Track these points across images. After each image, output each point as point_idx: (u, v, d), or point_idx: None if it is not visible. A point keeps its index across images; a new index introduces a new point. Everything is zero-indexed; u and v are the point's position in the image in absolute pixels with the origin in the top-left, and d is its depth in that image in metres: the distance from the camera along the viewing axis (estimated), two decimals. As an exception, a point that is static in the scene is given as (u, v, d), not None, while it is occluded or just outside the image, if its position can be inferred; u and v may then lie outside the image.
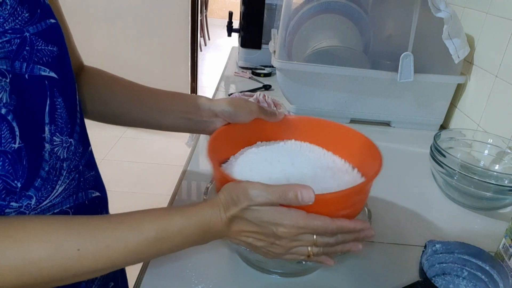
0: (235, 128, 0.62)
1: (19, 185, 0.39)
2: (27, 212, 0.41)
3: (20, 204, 0.40)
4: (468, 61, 1.04)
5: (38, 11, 0.40)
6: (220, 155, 0.60)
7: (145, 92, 0.62)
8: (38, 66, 0.41)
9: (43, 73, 0.41)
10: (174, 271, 0.55)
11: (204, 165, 0.84)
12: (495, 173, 0.74)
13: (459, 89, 1.07)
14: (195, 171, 0.81)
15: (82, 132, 0.48)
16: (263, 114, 0.62)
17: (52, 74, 0.42)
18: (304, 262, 0.50)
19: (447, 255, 0.56)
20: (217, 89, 1.30)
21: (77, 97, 0.47)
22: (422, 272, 0.52)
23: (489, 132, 0.90)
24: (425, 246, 0.55)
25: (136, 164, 2.58)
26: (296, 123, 0.67)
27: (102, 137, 2.63)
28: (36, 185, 0.41)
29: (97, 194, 0.53)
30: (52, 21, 0.42)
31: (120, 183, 2.31)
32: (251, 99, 0.99)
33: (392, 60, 1.01)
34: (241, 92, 1.11)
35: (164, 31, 2.73)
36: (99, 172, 0.55)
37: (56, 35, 0.43)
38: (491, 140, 0.83)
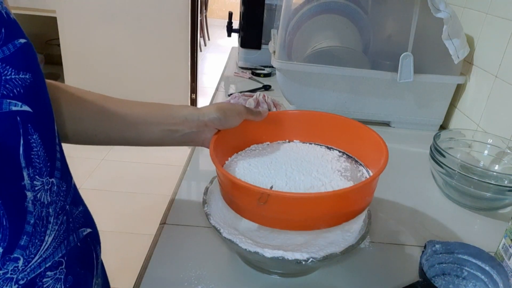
0: (233, 130, 0.62)
1: (0, 250, 0.34)
2: (15, 276, 0.36)
3: (6, 270, 0.35)
4: (468, 61, 1.04)
5: (2, 30, 0.33)
6: (223, 156, 0.61)
7: (120, 106, 0.56)
8: (8, 100, 0.34)
9: (14, 108, 0.34)
10: (173, 271, 0.55)
11: (204, 165, 0.84)
12: (495, 173, 0.74)
13: (459, 89, 1.07)
14: (195, 171, 0.81)
15: (63, 167, 0.42)
16: (250, 114, 0.62)
17: (26, 108, 0.35)
18: (304, 263, 0.50)
19: (447, 255, 0.56)
20: (217, 89, 1.30)
21: (55, 127, 0.41)
22: (422, 272, 0.52)
23: (489, 132, 0.90)
24: (425, 246, 0.55)
25: (136, 164, 2.58)
26: (292, 120, 0.68)
27: (102, 137, 2.63)
28: (22, 243, 0.36)
29: (89, 230, 0.47)
30: (22, 41, 0.35)
31: (120, 183, 2.31)
32: (250, 100, 0.99)
33: (392, 60, 1.01)
34: (241, 92, 1.11)
35: (164, 31, 2.73)
36: (86, 205, 0.50)
37: (28, 58, 0.36)
38: (491, 140, 0.83)
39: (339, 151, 0.65)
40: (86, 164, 2.49)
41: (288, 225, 0.51)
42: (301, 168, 0.60)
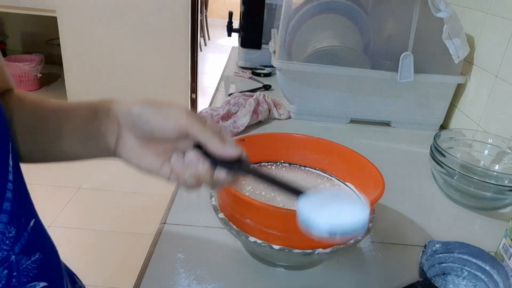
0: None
1: None
2: None
3: None
4: (468, 61, 1.04)
5: None
6: None
7: (49, 111, 0.42)
8: None
9: None
10: (173, 271, 0.55)
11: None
12: (495, 173, 0.74)
13: (459, 89, 1.07)
14: (195, 171, 0.81)
15: (16, 206, 0.34)
16: (195, 126, 0.40)
17: None
18: (311, 255, 0.50)
19: (447, 255, 0.56)
20: (217, 89, 1.30)
21: (10, 155, 0.33)
22: (422, 272, 0.52)
23: (489, 132, 0.90)
24: (425, 246, 0.55)
25: (136, 164, 2.57)
26: (299, 144, 0.68)
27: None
28: None
29: (42, 285, 0.38)
30: None
31: (120, 183, 2.31)
32: (251, 99, 0.99)
33: (392, 60, 1.01)
34: (241, 92, 1.11)
35: (164, 31, 2.73)
36: (52, 249, 0.40)
37: None
38: (491, 140, 0.83)
39: (336, 178, 0.66)
40: (86, 164, 2.49)
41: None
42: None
